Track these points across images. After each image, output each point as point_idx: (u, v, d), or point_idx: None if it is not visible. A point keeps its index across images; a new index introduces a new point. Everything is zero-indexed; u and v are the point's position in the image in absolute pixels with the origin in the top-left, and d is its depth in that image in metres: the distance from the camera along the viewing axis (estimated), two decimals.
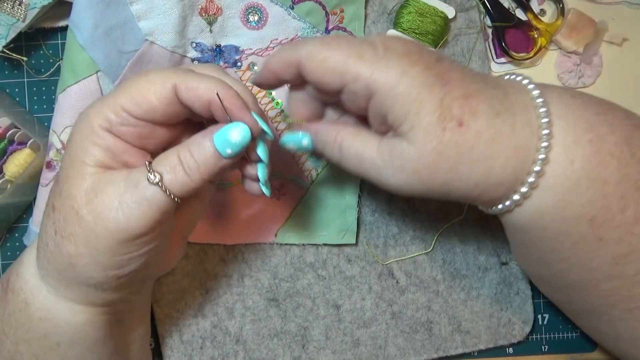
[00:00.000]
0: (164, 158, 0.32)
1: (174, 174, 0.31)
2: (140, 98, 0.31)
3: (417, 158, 0.31)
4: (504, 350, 0.49)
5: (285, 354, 0.47)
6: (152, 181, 0.30)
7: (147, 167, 0.30)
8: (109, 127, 0.31)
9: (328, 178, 0.47)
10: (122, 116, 0.31)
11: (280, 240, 0.47)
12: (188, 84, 0.31)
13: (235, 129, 0.31)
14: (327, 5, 0.45)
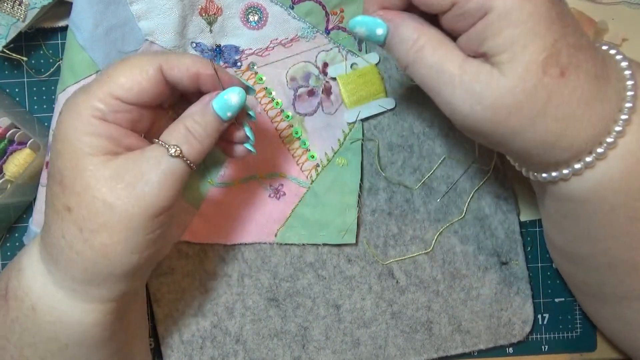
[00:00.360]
0: (172, 132, 0.33)
1: (188, 143, 0.33)
2: (130, 83, 0.32)
3: (504, 93, 0.29)
4: (504, 350, 0.49)
5: (285, 354, 0.47)
6: (174, 155, 0.32)
7: (161, 144, 0.33)
8: (102, 116, 0.32)
9: (328, 178, 0.47)
10: (114, 104, 0.32)
11: (280, 240, 0.47)
12: (172, 62, 0.33)
13: (233, 93, 0.34)
14: (327, 5, 0.45)
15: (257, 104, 0.46)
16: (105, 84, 0.32)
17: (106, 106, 0.32)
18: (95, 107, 0.32)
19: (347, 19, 0.46)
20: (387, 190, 0.47)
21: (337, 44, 0.46)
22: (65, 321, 0.34)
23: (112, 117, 0.32)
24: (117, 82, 0.32)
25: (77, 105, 0.32)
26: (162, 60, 0.33)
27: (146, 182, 0.32)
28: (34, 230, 0.44)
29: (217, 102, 0.34)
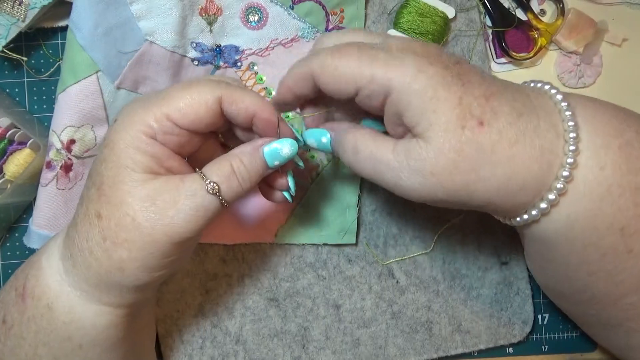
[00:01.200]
0: (216, 167, 0.34)
1: (228, 183, 0.33)
2: (189, 109, 0.32)
3: (435, 157, 0.31)
4: (504, 350, 0.49)
5: (285, 354, 0.47)
6: (211, 191, 0.32)
7: (202, 177, 0.33)
8: (152, 134, 0.32)
9: (328, 178, 0.47)
10: (166, 125, 0.32)
11: (280, 240, 0.47)
12: (234, 96, 0.33)
13: (286, 144, 0.34)
14: (327, 5, 0.45)
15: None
16: (164, 104, 0.32)
17: (159, 126, 0.32)
18: (148, 124, 0.32)
19: (347, 19, 0.46)
20: (387, 190, 0.47)
21: None
22: (80, 322, 0.35)
23: (161, 138, 0.33)
24: (176, 105, 0.32)
25: (132, 117, 0.33)
26: (224, 92, 0.33)
27: (177, 211, 0.32)
28: (34, 230, 0.44)
29: (269, 150, 0.34)
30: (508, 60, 0.49)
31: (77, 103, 0.42)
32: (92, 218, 0.33)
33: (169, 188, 0.32)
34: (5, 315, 0.36)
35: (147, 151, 0.32)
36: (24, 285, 0.36)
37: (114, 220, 0.32)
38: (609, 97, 0.49)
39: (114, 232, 0.32)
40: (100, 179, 0.33)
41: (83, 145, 0.43)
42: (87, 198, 0.33)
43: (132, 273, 0.33)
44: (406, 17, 0.46)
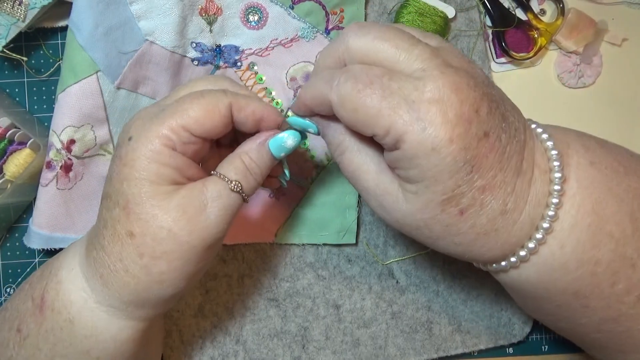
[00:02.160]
0: (232, 167, 0.35)
1: (246, 179, 0.35)
2: (204, 119, 0.33)
3: (405, 215, 0.32)
4: (504, 350, 0.49)
5: (285, 354, 0.47)
6: (235, 189, 0.34)
7: (222, 178, 0.34)
8: (173, 145, 0.33)
9: (328, 178, 0.47)
10: (185, 135, 0.33)
11: (280, 240, 0.47)
12: (241, 103, 0.34)
13: (290, 137, 0.36)
14: (327, 5, 0.45)
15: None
16: (179, 116, 0.33)
17: (178, 137, 0.33)
18: (168, 137, 0.33)
19: (347, 19, 0.46)
20: None
21: None
22: (101, 336, 0.35)
23: (180, 148, 0.33)
24: (192, 116, 0.33)
25: (148, 132, 0.33)
26: (233, 99, 0.34)
27: (208, 215, 0.33)
28: (34, 230, 0.44)
29: (274, 143, 0.36)
30: (508, 60, 0.49)
31: (77, 103, 0.42)
32: (123, 237, 0.33)
33: (196, 194, 0.33)
34: (20, 324, 0.36)
35: (169, 164, 0.33)
36: (42, 296, 0.35)
37: (150, 236, 0.32)
38: (609, 97, 0.49)
39: (151, 247, 0.32)
40: (124, 197, 0.33)
41: (83, 145, 0.43)
42: (112, 219, 0.33)
43: (171, 283, 0.34)
44: (406, 17, 0.46)
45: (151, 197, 0.32)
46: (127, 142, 0.33)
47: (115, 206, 0.33)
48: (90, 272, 0.35)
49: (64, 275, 0.36)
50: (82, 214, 0.45)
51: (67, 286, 0.35)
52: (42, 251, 0.48)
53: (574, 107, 0.49)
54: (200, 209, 0.33)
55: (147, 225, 0.32)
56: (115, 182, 0.33)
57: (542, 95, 0.49)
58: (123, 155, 0.33)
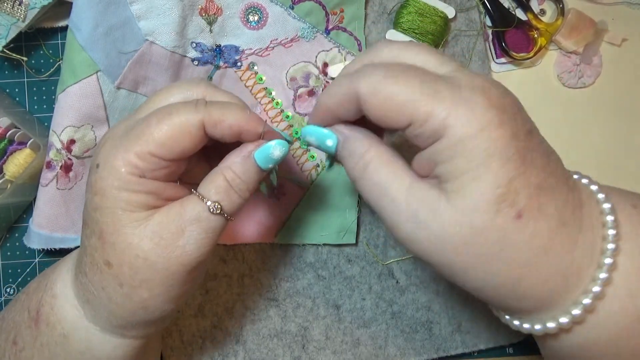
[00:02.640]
0: (212, 185, 0.32)
1: (228, 198, 0.32)
2: (173, 143, 0.30)
3: (450, 226, 0.26)
4: (504, 350, 0.49)
5: (285, 354, 0.47)
6: (214, 212, 0.31)
7: (201, 198, 0.31)
8: (140, 173, 0.31)
9: (328, 178, 0.47)
10: (153, 161, 0.31)
11: (280, 240, 0.47)
12: (215, 118, 0.31)
13: (277, 147, 0.32)
14: (327, 5, 0.45)
15: (257, 104, 0.46)
16: (144, 140, 0.30)
17: (145, 164, 0.30)
18: (134, 165, 0.30)
19: (347, 19, 0.46)
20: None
21: (337, 44, 0.46)
22: (96, 352, 0.34)
23: (150, 174, 0.31)
24: (159, 141, 0.30)
25: (114, 161, 0.30)
26: (205, 116, 0.31)
27: (187, 240, 0.31)
28: (34, 231, 0.44)
29: (260, 155, 0.32)
30: (508, 60, 0.49)
31: (77, 103, 0.42)
32: (101, 266, 0.32)
33: (172, 218, 0.31)
34: (17, 336, 0.35)
35: (141, 190, 0.31)
36: (38, 310, 0.35)
37: (126, 265, 0.31)
38: (609, 97, 0.49)
39: (129, 276, 0.31)
40: (98, 227, 0.31)
41: (83, 145, 0.43)
42: (90, 247, 0.32)
43: (156, 308, 0.32)
44: (406, 17, 0.46)
45: (124, 226, 0.31)
46: (95, 170, 0.31)
47: (92, 234, 0.32)
48: (79, 295, 0.34)
49: (58, 290, 0.35)
50: (82, 214, 0.45)
51: (61, 302, 0.35)
52: (42, 251, 0.48)
53: (574, 107, 0.49)
54: (177, 234, 0.31)
55: (123, 255, 0.31)
56: (89, 210, 0.32)
57: (542, 95, 0.49)
58: (93, 183, 0.31)
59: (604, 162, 0.49)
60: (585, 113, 0.49)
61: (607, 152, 0.49)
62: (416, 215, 0.28)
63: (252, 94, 0.46)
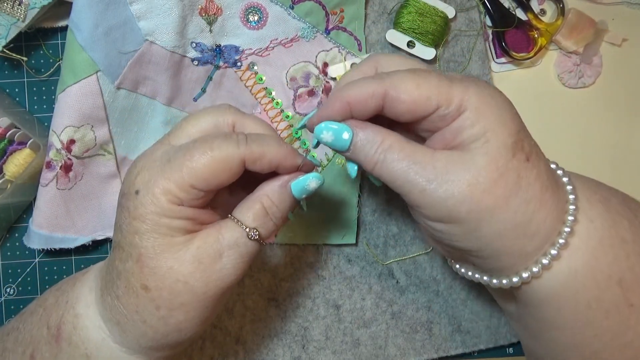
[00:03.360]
0: (251, 212, 0.33)
1: (264, 225, 0.34)
2: (214, 179, 0.32)
3: (478, 170, 0.31)
4: (504, 350, 0.49)
5: (285, 354, 0.47)
6: (253, 238, 0.33)
7: (239, 224, 0.33)
8: (180, 203, 0.32)
9: (328, 178, 0.47)
10: (193, 193, 0.32)
11: (280, 240, 0.47)
12: (255, 155, 0.33)
13: (314, 180, 0.34)
14: (327, 5, 0.45)
15: (257, 104, 0.46)
16: (187, 173, 0.31)
17: (186, 194, 0.32)
18: (175, 195, 0.32)
19: (347, 19, 0.46)
20: (387, 190, 0.47)
21: (337, 44, 0.46)
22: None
23: (188, 204, 0.32)
24: (200, 176, 0.32)
25: (155, 189, 0.32)
26: (246, 152, 0.32)
27: (224, 264, 0.33)
28: (34, 231, 0.44)
29: (297, 186, 0.34)
30: (508, 60, 0.49)
31: (77, 103, 0.42)
32: (138, 290, 0.32)
33: (211, 243, 0.32)
34: (34, 351, 0.36)
35: (182, 216, 0.32)
36: (59, 327, 0.35)
37: (166, 290, 0.32)
38: (609, 97, 0.49)
39: (167, 300, 0.32)
40: (137, 250, 0.32)
41: (83, 145, 0.43)
42: (126, 271, 0.33)
43: (189, 330, 0.33)
44: (406, 17, 0.46)
45: (165, 251, 0.32)
46: (134, 196, 0.32)
47: (128, 258, 0.32)
48: (107, 317, 0.34)
49: (81, 310, 0.35)
50: (82, 214, 0.45)
51: (84, 322, 0.35)
52: (42, 251, 0.48)
53: (574, 107, 0.49)
54: (215, 258, 0.32)
55: (162, 279, 0.32)
56: (126, 234, 0.32)
57: (542, 95, 0.49)
58: (132, 209, 0.32)
59: (604, 162, 0.49)
60: (585, 113, 0.49)
61: (607, 152, 0.49)
62: (446, 172, 0.32)
63: (252, 94, 0.46)
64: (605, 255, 0.32)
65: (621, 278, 0.32)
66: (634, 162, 0.49)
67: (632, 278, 0.32)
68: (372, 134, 0.33)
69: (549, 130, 0.49)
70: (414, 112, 0.32)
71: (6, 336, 0.37)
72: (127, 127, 0.45)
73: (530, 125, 0.35)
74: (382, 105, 0.33)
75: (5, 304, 0.48)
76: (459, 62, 0.48)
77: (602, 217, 0.33)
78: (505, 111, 0.33)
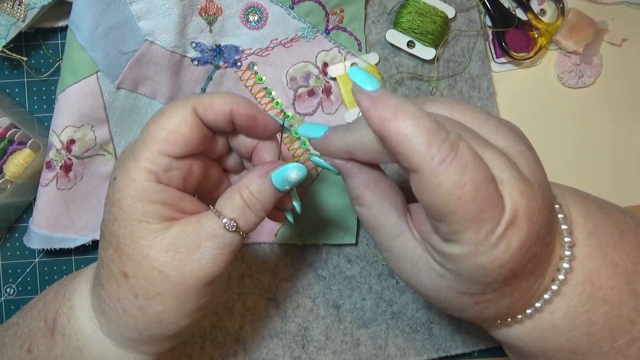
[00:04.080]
0: (229, 203, 0.33)
1: (244, 216, 0.33)
2: (173, 136, 0.31)
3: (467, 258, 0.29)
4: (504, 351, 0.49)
5: (285, 354, 0.47)
6: (230, 229, 0.32)
7: (217, 214, 0.32)
8: (155, 178, 0.31)
9: (328, 178, 0.47)
10: (164, 162, 0.31)
11: (280, 240, 0.47)
12: (204, 102, 0.32)
13: (294, 170, 0.33)
14: (327, 5, 0.45)
15: (257, 104, 0.46)
16: (150, 143, 0.31)
17: (157, 166, 0.31)
18: (147, 169, 0.31)
19: (347, 19, 0.46)
20: None
21: (337, 44, 0.46)
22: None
23: (164, 177, 0.32)
24: (161, 138, 0.31)
25: (128, 171, 0.31)
26: (195, 103, 0.32)
27: (202, 255, 0.32)
28: (34, 231, 0.44)
29: (277, 176, 0.33)
30: (508, 60, 0.49)
31: (77, 103, 0.42)
32: (118, 278, 0.32)
33: (189, 232, 0.32)
34: (32, 345, 0.36)
35: (156, 199, 0.31)
36: (55, 320, 0.35)
37: (142, 277, 0.31)
38: (609, 97, 0.49)
39: (144, 288, 0.32)
40: (116, 238, 0.32)
41: (83, 145, 0.43)
42: (107, 259, 0.33)
43: (171, 322, 0.33)
44: (406, 17, 0.46)
45: (141, 237, 0.31)
46: (113, 182, 0.32)
47: (109, 246, 0.32)
48: (95, 307, 0.34)
49: (76, 300, 0.35)
50: (82, 214, 0.45)
51: (78, 313, 0.35)
52: (42, 251, 0.48)
53: (574, 107, 0.49)
54: (193, 248, 0.32)
55: (139, 267, 0.31)
56: (107, 222, 0.32)
57: (542, 95, 0.49)
58: (110, 196, 0.32)
59: (604, 162, 0.49)
60: (585, 113, 0.49)
61: (607, 152, 0.49)
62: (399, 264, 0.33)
63: (252, 94, 0.46)
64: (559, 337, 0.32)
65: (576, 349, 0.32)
66: (634, 162, 0.49)
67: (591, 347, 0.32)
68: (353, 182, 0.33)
69: (549, 130, 0.49)
70: None
71: (5, 331, 0.37)
72: (127, 127, 0.45)
73: (530, 125, 0.35)
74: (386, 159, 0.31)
75: (5, 304, 0.48)
76: (459, 62, 0.48)
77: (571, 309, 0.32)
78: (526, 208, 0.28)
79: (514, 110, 0.49)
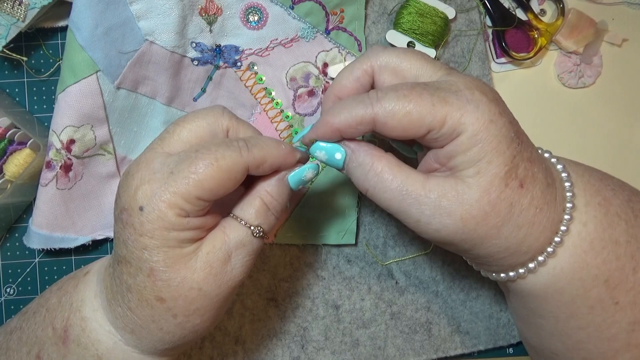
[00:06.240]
0: (252, 209, 0.34)
1: (267, 220, 0.34)
2: (219, 189, 0.32)
3: (472, 204, 0.31)
4: (504, 351, 0.49)
5: (284, 354, 0.47)
6: (258, 235, 0.34)
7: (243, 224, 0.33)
8: (187, 214, 0.32)
9: (328, 178, 0.47)
10: (199, 204, 0.32)
11: (280, 240, 0.47)
12: (258, 160, 0.33)
13: (310, 170, 0.35)
14: (327, 6, 0.45)
15: (257, 104, 0.46)
16: (193, 187, 0.31)
17: (192, 207, 0.32)
18: (182, 208, 0.31)
19: (347, 19, 0.46)
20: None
21: (337, 44, 0.46)
22: None
23: (195, 214, 0.32)
24: (207, 188, 0.31)
25: (160, 203, 0.31)
26: (250, 159, 0.32)
27: (234, 264, 0.33)
28: (34, 231, 0.44)
29: (294, 178, 0.35)
30: (508, 60, 0.48)
31: (77, 103, 0.42)
32: (152, 302, 0.33)
33: (219, 246, 0.33)
34: (40, 351, 0.36)
35: (189, 227, 0.32)
36: (65, 329, 0.35)
37: (181, 299, 0.32)
38: (609, 97, 0.49)
39: (183, 307, 0.33)
40: (147, 265, 0.32)
41: (83, 145, 0.43)
42: (137, 285, 0.33)
43: (204, 330, 0.34)
44: (406, 18, 0.46)
45: (176, 262, 0.32)
46: (138, 212, 0.32)
47: (138, 273, 0.32)
48: (119, 325, 0.34)
49: (88, 313, 0.35)
50: (82, 214, 0.45)
51: (93, 325, 0.35)
52: (42, 251, 0.48)
53: (574, 107, 0.49)
54: (225, 260, 0.33)
55: (177, 290, 0.32)
56: (133, 250, 0.32)
57: (542, 95, 0.49)
58: (137, 226, 0.32)
59: (604, 162, 0.49)
60: (585, 113, 0.49)
61: (607, 152, 0.49)
62: (440, 204, 0.32)
63: (252, 94, 0.46)
64: (595, 256, 0.33)
65: (608, 278, 0.33)
66: (634, 162, 0.49)
67: (620, 278, 0.33)
68: (362, 157, 0.34)
69: (549, 130, 0.49)
70: (404, 135, 0.32)
71: (9, 335, 0.37)
72: (127, 127, 0.45)
73: (531, 125, 0.35)
74: (372, 127, 0.33)
75: (5, 304, 0.48)
76: (459, 62, 0.48)
77: (597, 220, 0.33)
78: (503, 137, 0.32)
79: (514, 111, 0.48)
